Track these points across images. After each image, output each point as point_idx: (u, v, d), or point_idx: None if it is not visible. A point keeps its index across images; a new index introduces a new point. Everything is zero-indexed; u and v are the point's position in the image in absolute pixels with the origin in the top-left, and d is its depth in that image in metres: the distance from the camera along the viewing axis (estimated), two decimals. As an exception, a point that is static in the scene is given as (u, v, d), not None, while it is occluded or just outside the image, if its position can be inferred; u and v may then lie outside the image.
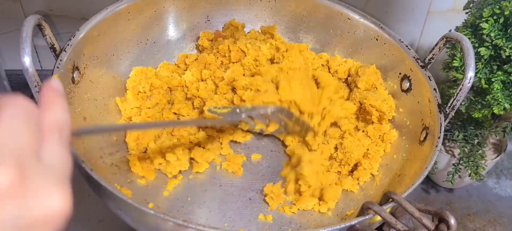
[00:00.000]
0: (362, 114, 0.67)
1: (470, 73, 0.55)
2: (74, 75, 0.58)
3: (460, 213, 0.75)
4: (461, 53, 0.63)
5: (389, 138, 0.65)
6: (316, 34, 0.75)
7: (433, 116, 0.60)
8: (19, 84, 0.80)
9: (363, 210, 0.50)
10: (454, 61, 0.64)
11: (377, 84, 0.67)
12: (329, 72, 0.72)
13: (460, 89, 0.56)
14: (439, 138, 0.56)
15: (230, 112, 0.60)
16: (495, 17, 0.60)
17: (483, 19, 0.60)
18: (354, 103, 0.67)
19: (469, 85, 0.55)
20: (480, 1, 0.64)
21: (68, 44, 0.57)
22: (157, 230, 0.47)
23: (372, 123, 0.65)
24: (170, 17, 0.71)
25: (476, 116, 0.65)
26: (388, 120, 0.66)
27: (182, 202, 0.60)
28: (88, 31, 0.60)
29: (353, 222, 0.47)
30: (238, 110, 0.60)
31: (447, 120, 0.59)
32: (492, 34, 0.60)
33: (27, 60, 0.48)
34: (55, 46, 0.55)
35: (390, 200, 0.50)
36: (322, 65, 0.73)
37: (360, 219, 0.48)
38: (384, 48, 0.69)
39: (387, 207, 0.49)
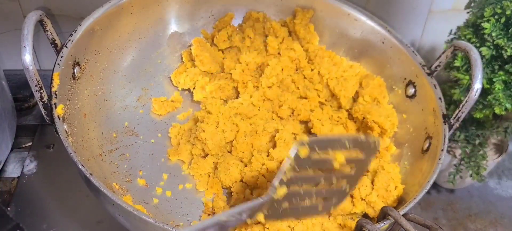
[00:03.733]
0: (363, 128, 0.66)
1: (477, 85, 0.54)
2: (75, 71, 0.57)
3: (461, 214, 0.74)
4: (463, 54, 0.63)
5: (386, 155, 0.64)
6: (322, 34, 0.74)
7: (437, 126, 0.59)
8: (17, 84, 0.79)
9: (358, 227, 0.49)
10: (456, 61, 0.64)
11: (380, 98, 0.67)
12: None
13: (466, 101, 0.55)
14: (442, 150, 0.55)
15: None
16: (496, 17, 0.60)
17: (485, 19, 0.60)
18: (357, 116, 0.66)
19: (476, 97, 0.54)
20: (481, 0, 0.64)
21: (69, 40, 0.56)
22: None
23: None
24: (173, 11, 0.71)
25: (478, 116, 0.65)
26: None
27: (180, 202, 0.59)
28: (90, 25, 0.59)
29: None
30: None
31: (451, 131, 0.58)
32: (493, 34, 0.59)
33: (27, 58, 0.47)
34: (56, 42, 0.55)
35: (387, 216, 0.49)
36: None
37: None
38: (390, 51, 0.68)
39: (384, 225, 0.49)
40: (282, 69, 0.69)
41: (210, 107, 0.65)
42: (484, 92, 0.63)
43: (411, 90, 0.66)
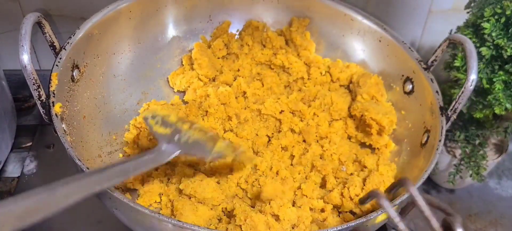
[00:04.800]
0: (362, 125, 0.66)
1: (473, 76, 0.54)
2: (74, 73, 0.57)
3: (461, 214, 0.74)
4: (463, 53, 0.63)
5: (386, 152, 0.65)
6: (319, 35, 0.74)
7: (435, 119, 0.59)
8: (17, 84, 0.79)
9: (369, 197, 0.48)
10: (456, 61, 0.64)
11: (377, 96, 0.67)
12: (332, 80, 0.72)
13: (462, 92, 0.56)
14: (440, 141, 0.56)
15: (166, 137, 0.50)
16: (496, 17, 0.59)
17: (485, 19, 0.60)
18: (355, 113, 0.66)
19: (471, 88, 0.55)
20: (481, 0, 0.64)
21: (68, 43, 0.56)
22: (153, 230, 0.47)
23: (371, 134, 0.65)
24: (171, 16, 0.71)
25: (478, 116, 0.65)
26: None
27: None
28: (89, 29, 0.59)
29: (352, 224, 0.47)
30: (176, 137, 0.50)
31: (449, 123, 0.58)
32: (493, 34, 0.59)
33: (25, 58, 0.47)
34: (54, 44, 0.55)
35: (401, 189, 0.46)
36: (327, 72, 0.72)
37: (359, 220, 0.47)
38: (387, 49, 0.69)
39: (396, 203, 0.48)
40: (271, 87, 0.70)
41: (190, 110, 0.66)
42: (484, 92, 0.63)
43: (408, 87, 0.66)
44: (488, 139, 0.73)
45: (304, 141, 0.66)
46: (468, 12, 0.66)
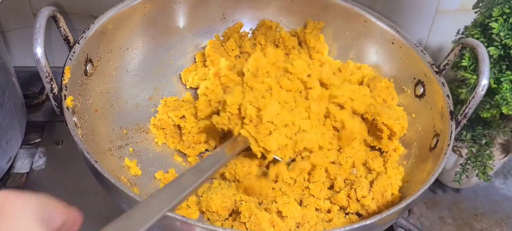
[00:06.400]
0: (373, 129, 0.66)
1: (485, 81, 0.54)
2: (87, 67, 0.58)
3: (467, 213, 0.74)
4: (470, 53, 0.63)
5: (394, 155, 0.65)
6: (332, 36, 0.74)
7: (444, 123, 0.59)
8: (26, 81, 0.80)
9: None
10: (463, 60, 0.64)
11: (388, 100, 0.67)
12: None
13: (473, 97, 0.55)
14: (448, 145, 0.55)
15: None
16: (504, 17, 0.60)
17: (493, 19, 0.60)
18: (367, 117, 0.65)
19: (483, 93, 0.54)
20: (489, 0, 0.64)
21: (82, 37, 0.57)
22: (162, 227, 0.47)
23: (381, 138, 0.65)
24: (185, 13, 0.71)
25: (485, 116, 0.65)
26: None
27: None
28: (103, 24, 0.60)
29: (357, 225, 0.46)
30: None
31: (458, 128, 0.58)
32: (501, 34, 0.60)
33: (39, 51, 0.48)
34: (69, 38, 0.56)
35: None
36: (334, 73, 0.72)
37: (365, 222, 0.47)
38: (400, 52, 0.68)
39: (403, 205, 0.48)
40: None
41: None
42: (492, 92, 0.63)
43: (420, 90, 0.66)
44: (495, 138, 0.73)
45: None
46: (476, 12, 0.66)
